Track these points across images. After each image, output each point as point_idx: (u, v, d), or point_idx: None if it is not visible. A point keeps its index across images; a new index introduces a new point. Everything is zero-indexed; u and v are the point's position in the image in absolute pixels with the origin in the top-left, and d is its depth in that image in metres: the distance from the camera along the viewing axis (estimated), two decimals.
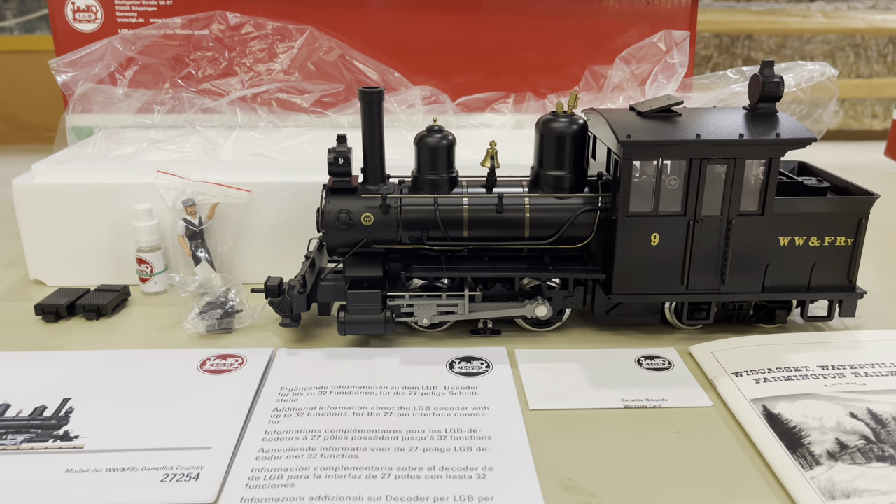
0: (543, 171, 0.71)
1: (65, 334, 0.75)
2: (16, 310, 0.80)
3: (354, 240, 0.71)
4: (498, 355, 0.69)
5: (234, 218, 0.84)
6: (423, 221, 0.71)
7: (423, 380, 0.65)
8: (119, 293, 0.80)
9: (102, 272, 0.86)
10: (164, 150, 0.91)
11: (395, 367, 0.67)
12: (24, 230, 0.85)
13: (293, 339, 0.73)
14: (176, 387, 0.63)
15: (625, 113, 0.71)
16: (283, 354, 0.69)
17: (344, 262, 0.72)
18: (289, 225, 0.85)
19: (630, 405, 0.61)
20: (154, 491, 0.50)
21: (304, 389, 0.63)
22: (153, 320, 0.78)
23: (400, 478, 0.52)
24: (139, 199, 0.82)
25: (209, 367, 0.66)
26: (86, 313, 0.78)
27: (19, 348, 0.71)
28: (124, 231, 0.84)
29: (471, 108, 1.02)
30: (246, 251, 0.85)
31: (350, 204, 0.71)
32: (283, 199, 0.84)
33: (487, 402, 0.61)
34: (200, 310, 0.74)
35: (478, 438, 0.56)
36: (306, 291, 0.70)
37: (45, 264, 0.86)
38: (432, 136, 0.71)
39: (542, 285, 0.72)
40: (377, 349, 0.71)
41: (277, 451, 0.54)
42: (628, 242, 0.67)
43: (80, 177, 0.84)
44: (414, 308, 0.71)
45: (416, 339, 0.73)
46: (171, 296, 0.84)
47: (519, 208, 0.71)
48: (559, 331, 0.74)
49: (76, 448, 0.55)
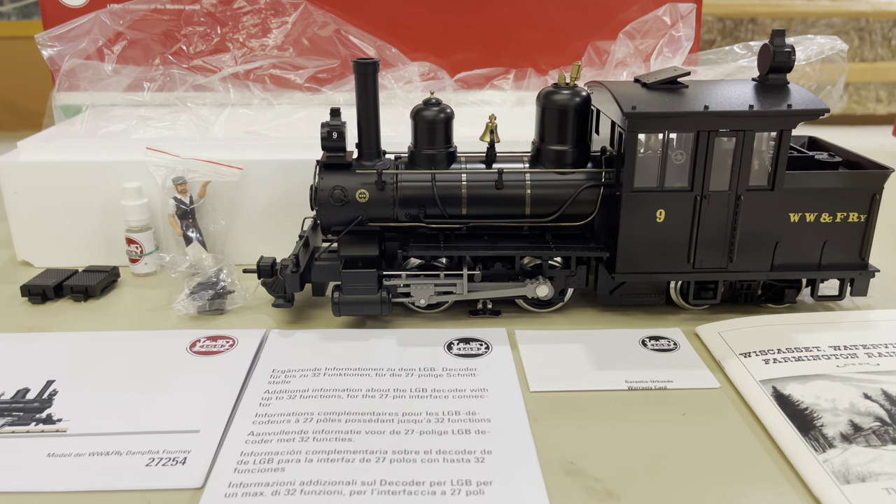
0: (545, 146, 0.69)
1: (52, 316, 0.73)
2: (2, 291, 0.78)
3: (349, 218, 0.69)
4: (498, 336, 0.67)
5: (226, 196, 0.81)
6: (420, 198, 0.68)
7: (420, 361, 0.62)
8: (108, 274, 0.78)
9: (91, 253, 0.83)
10: (155, 127, 0.88)
11: (391, 348, 0.65)
12: (10, 210, 0.82)
13: (286, 321, 0.71)
14: (164, 369, 0.61)
15: (629, 85, 0.68)
16: (276, 336, 0.67)
17: (338, 241, 0.70)
18: (282, 204, 0.82)
19: (634, 387, 0.59)
20: (139, 476, 0.48)
21: (297, 371, 0.61)
22: (143, 301, 0.76)
23: (395, 461, 0.50)
24: (128, 177, 0.80)
25: (199, 348, 0.64)
26: (73, 294, 0.75)
27: (3, 330, 0.69)
28: (113, 211, 0.81)
29: (470, 85, 0.99)
30: (238, 231, 0.83)
31: (344, 180, 0.68)
32: (277, 177, 0.81)
33: (487, 384, 0.59)
34: (191, 290, 0.72)
35: (476, 421, 0.54)
36: (299, 271, 0.68)
37: (33, 245, 0.83)
38: (429, 109, 0.68)
39: (544, 264, 0.69)
40: (373, 330, 0.68)
41: (268, 434, 0.52)
42: (633, 219, 0.65)
43: (68, 154, 0.81)
44: (411, 288, 0.68)
45: (413, 320, 0.71)
46: (161, 277, 0.81)
47: (519, 184, 0.68)
48: (561, 311, 0.72)
49: (59, 432, 0.53)
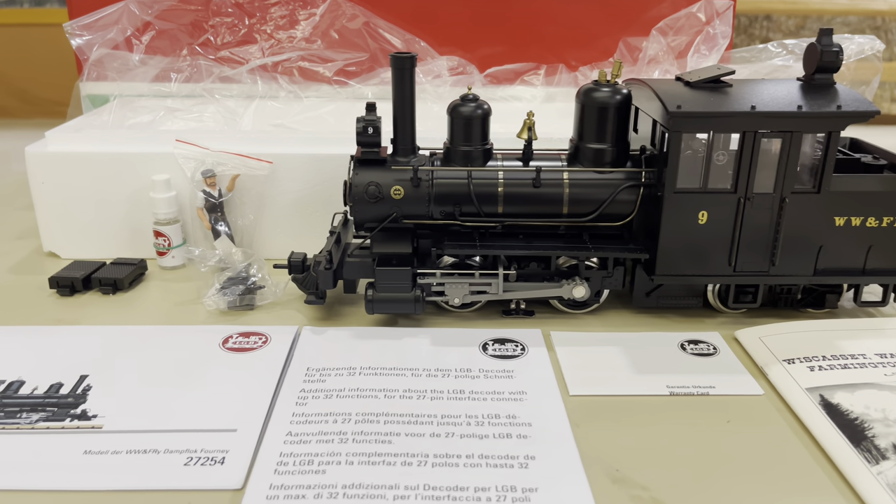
0: (583, 144, 0.68)
1: (80, 308, 0.72)
2: (29, 283, 0.77)
3: (383, 214, 0.68)
4: (533, 337, 0.66)
5: (255, 190, 0.80)
6: (455, 196, 0.67)
7: (455, 362, 0.61)
8: (136, 267, 0.77)
9: (118, 245, 0.82)
10: (183, 119, 0.87)
11: (425, 348, 0.64)
12: (37, 201, 0.82)
13: (318, 318, 0.70)
14: (198, 365, 0.60)
15: (671, 83, 0.67)
16: (309, 333, 0.66)
17: (371, 238, 0.69)
18: (311, 198, 0.81)
19: (676, 392, 0.58)
20: (178, 475, 0.48)
21: (332, 370, 0.60)
22: (171, 295, 0.75)
23: (437, 465, 0.49)
24: (157, 169, 0.79)
25: (232, 344, 0.63)
26: (102, 287, 0.75)
27: (33, 322, 0.69)
28: (141, 203, 0.80)
29: (500, 80, 0.98)
30: (267, 225, 0.82)
31: (379, 176, 0.67)
32: (306, 171, 0.80)
33: (525, 387, 0.58)
34: (221, 285, 0.71)
35: (517, 425, 0.53)
36: (333, 268, 0.67)
37: (59, 236, 0.83)
38: (466, 105, 0.67)
39: (580, 265, 0.68)
40: (405, 329, 0.67)
41: (306, 434, 0.51)
42: (674, 220, 0.64)
43: (96, 145, 0.80)
44: (445, 287, 0.67)
45: (446, 319, 0.70)
46: (189, 270, 0.81)
47: (557, 183, 0.67)
48: (595, 313, 0.71)
49: (95, 428, 0.52)
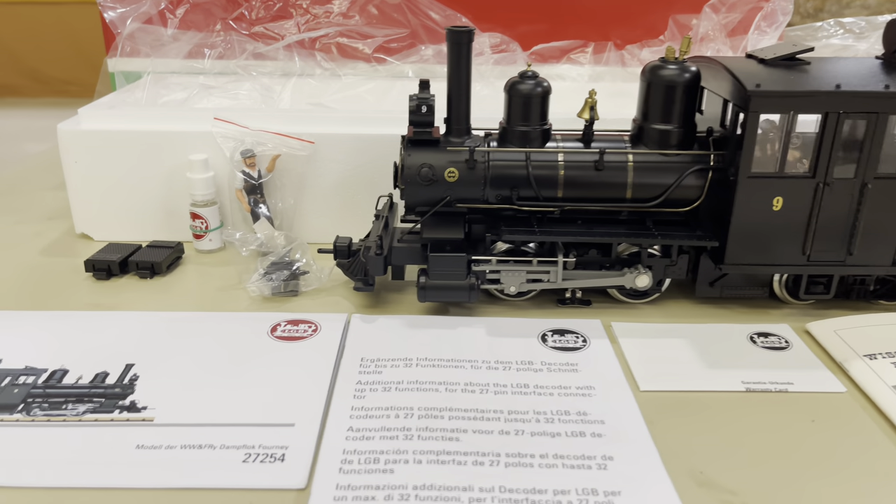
0: (648, 125, 0.64)
1: (117, 293, 0.69)
2: (63, 266, 0.75)
3: (436, 198, 0.64)
4: (593, 328, 0.63)
5: (296, 171, 0.77)
6: (512, 179, 0.64)
7: (515, 354, 0.58)
8: (173, 250, 0.74)
9: (153, 227, 0.80)
10: (218, 96, 0.84)
11: (481, 338, 0.61)
12: (69, 180, 0.79)
13: (365, 305, 0.67)
14: (247, 354, 0.57)
15: (743, 61, 0.63)
16: (358, 321, 0.63)
17: (422, 223, 0.66)
18: (353, 180, 0.78)
19: (752, 388, 0.55)
20: (237, 473, 0.45)
21: (388, 361, 0.57)
22: (211, 280, 0.72)
23: (510, 465, 0.46)
24: (194, 148, 0.76)
25: (281, 333, 0.60)
26: (139, 271, 0.72)
27: (71, 307, 0.66)
28: (177, 183, 0.77)
29: (545, 58, 0.94)
30: (307, 208, 0.79)
31: (433, 158, 0.64)
32: (348, 151, 0.77)
33: (592, 381, 0.55)
34: (265, 271, 0.68)
35: (589, 422, 0.50)
36: (384, 254, 0.64)
37: (92, 217, 0.80)
38: (525, 82, 0.63)
39: (643, 252, 0.65)
40: (458, 318, 0.64)
41: (368, 430, 0.49)
42: (747, 207, 0.60)
43: (131, 123, 0.77)
44: (501, 274, 0.64)
45: (499, 308, 0.66)
46: (227, 254, 0.78)
47: (621, 166, 0.63)
48: (655, 303, 0.68)
49: (145, 421, 0.49)
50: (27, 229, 0.84)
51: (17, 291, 0.69)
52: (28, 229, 0.84)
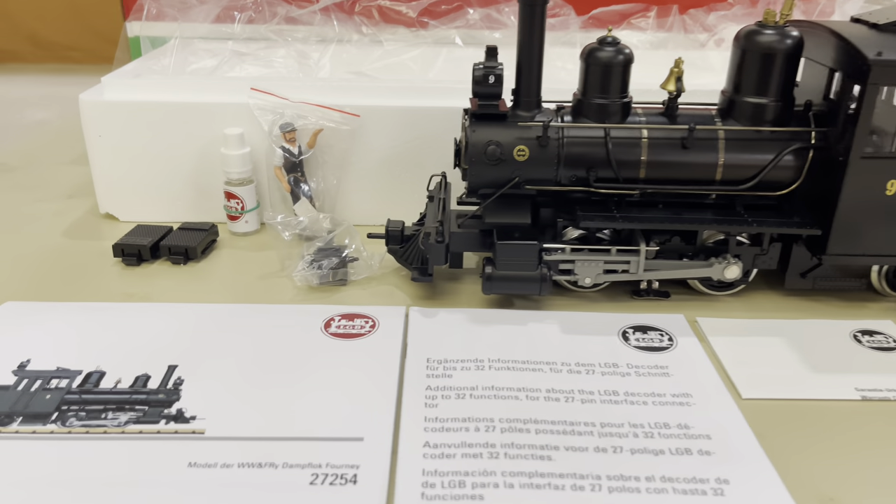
0: (740, 98, 0.57)
1: (149, 280, 0.64)
2: (89, 250, 0.69)
3: (503, 179, 0.58)
4: (677, 325, 0.57)
5: (339, 147, 0.71)
6: (589, 158, 0.57)
7: (597, 354, 0.53)
8: (207, 233, 0.68)
9: (183, 207, 0.74)
10: (252, 64, 0.77)
11: (555, 336, 0.55)
12: (93, 156, 0.73)
13: (422, 296, 0.61)
14: (301, 354, 0.52)
15: (851, 26, 0.56)
16: (418, 315, 0.57)
17: (484, 206, 0.59)
18: (401, 157, 0.72)
19: (868, 396, 0.49)
20: (305, 496, 0.40)
21: (457, 362, 0.51)
22: (250, 266, 0.66)
23: (615, 490, 0.40)
24: (229, 122, 0.69)
25: (336, 329, 0.54)
26: (172, 256, 0.66)
27: (100, 297, 0.60)
28: (210, 160, 0.71)
29: (603, 23, 0.86)
30: (350, 187, 0.73)
31: (500, 134, 0.57)
32: (396, 126, 0.71)
33: (687, 388, 0.49)
34: (312, 258, 0.62)
35: (694, 437, 0.45)
36: (445, 241, 0.58)
37: (118, 196, 0.74)
38: (605, 49, 0.57)
39: (731, 241, 0.59)
40: (526, 312, 0.59)
41: (448, 446, 0.43)
42: (858, 190, 0.54)
43: (158, 93, 0.71)
44: (575, 265, 0.58)
45: (568, 301, 0.61)
46: (264, 236, 0.72)
47: (710, 145, 0.57)
48: (739, 295, 0.62)
49: (196, 433, 0.44)
50: (46, 208, 0.78)
51: (41, 279, 0.63)
52: (47, 208, 0.78)
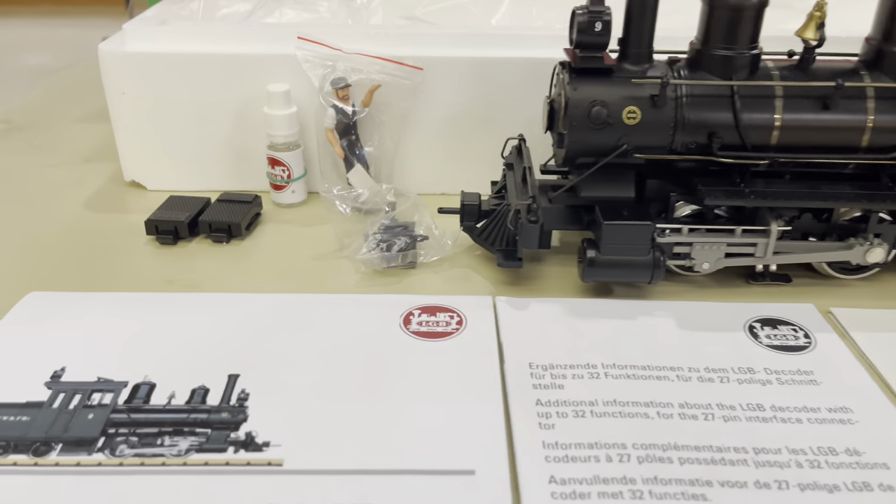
0: (890, 47, 0.48)
1: (190, 263, 0.55)
2: (116, 225, 0.60)
3: (608, 146, 0.49)
4: (809, 317, 0.49)
5: (398, 106, 0.62)
6: (712, 121, 0.48)
7: (726, 356, 0.45)
8: (251, 205, 0.60)
9: (220, 175, 0.65)
10: (291, 8, 0.68)
11: (673, 332, 0.47)
12: (116, 116, 0.64)
13: (504, 281, 0.53)
14: (382, 359, 0.44)
15: None
16: (507, 307, 0.49)
17: (582, 178, 0.51)
18: (469, 117, 0.62)
19: None
20: None
21: (565, 368, 0.43)
22: (301, 244, 0.58)
23: None
24: (272, 76, 0.60)
25: (417, 326, 0.47)
26: (213, 234, 0.58)
27: (135, 285, 0.52)
28: (251, 121, 0.62)
29: None
30: (410, 151, 0.64)
31: (607, 93, 0.48)
32: (464, 80, 0.61)
33: (844, 400, 0.42)
34: (379, 237, 0.54)
35: (868, 467, 0.37)
36: (540, 221, 0.49)
37: (145, 162, 0.65)
38: None
39: (872, 218, 0.50)
40: (631, 303, 0.50)
41: (578, 481, 0.36)
42: None
43: (189, 43, 0.61)
44: (693, 248, 0.50)
45: (675, 287, 0.52)
46: (314, 208, 0.63)
47: (858, 104, 0.48)
48: (870, 279, 0.53)
49: (272, 465, 0.36)
50: (62, 175, 0.69)
51: (65, 262, 0.55)
52: (64, 175, 0.69)
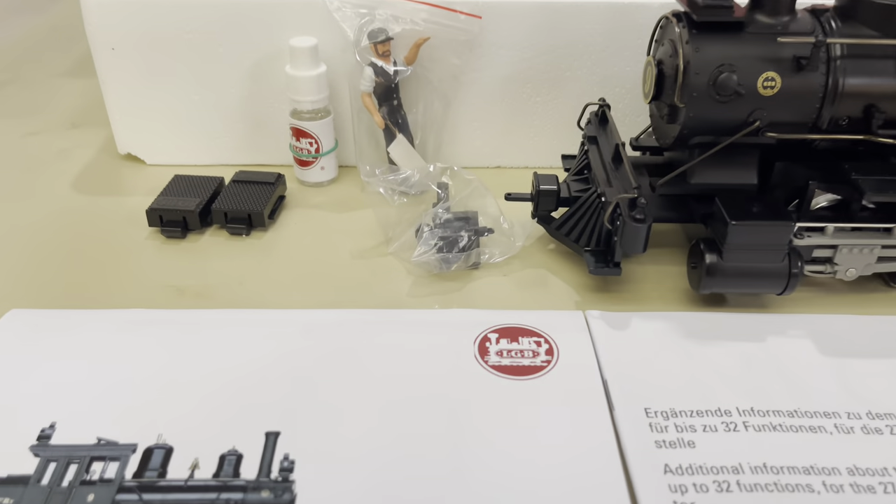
0: None
1: (203, 264, 0.45)
2: (111, 212, 0.50)
3: (735, 121, 0.39)
4: None
5: (448, 63, 0.51)
6: (872, 90, 0.38)
7: (892, 394, 0.36)
8: (274, 187, 0.50)
9: (231, 147, 0.55)
10: None
11: (815, 359, 0.38)
12: (105, 78, 0.52)
13: (589, 286, 0.43)
14: (458, 412, 0.34)
15: None
16: (603, 327, 0.39)
17: (696, 162, 0.40)
18: (536, 75, 0.52)
19: None
20: None
21: (692, 416, 0.34)
22: (337, 237, 0.48)
23: None
24: (295, 28, 0.49)
25: (497, 358, 0.37)
26: (230, 226, 0.48)
27: (138, 296, 0.42)
28: (269, 83, 0.51)
29: None
30: (462, 118, 0.53)
31: (737, 54, 0.37)
32: (529, 30, 0.50)
33: None
34: (436, 235, 0.43)
35: None
36: (648, 221, 0.39)
37: (143, 132, 0.54)
38: None
39: None
40: (755, 316, 0.41)
41: None
42: None
43: None
44: (838, 252, 0.40)
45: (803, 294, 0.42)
46: (346, 187, 0.53)
47: None
48: None
49: None
50: (45, 145, 0.58)
51: (51, 264, 0.45)
52: (47, 144, 0.58)
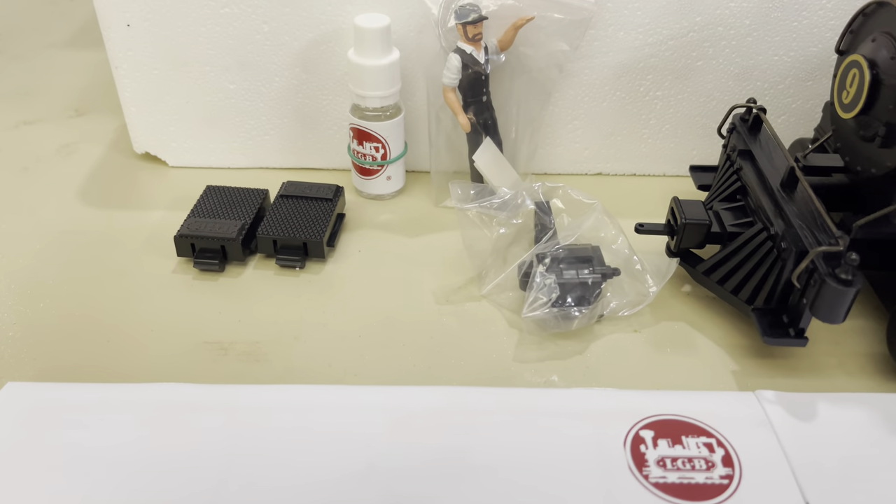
0: None
1: (246, 309, 0.35)
2: (128, 232, 0.40)
3: None
4: None
5: (555, 50, 0.40)
6: None
7: None
8: (333, 203, 0.40)
9: (272, 146, 0.45)
10: None
11: None
12: (118, 62, 0.42)
13: (747, 348, 0.33)
14: None
15: None
16: (785, 417, 0.30)
17: None
18: (659, 64, 0.41)
19: None
20: None
21: None
22: (413, 270, 0.38)
23: None
24: (361, 5, 0.38)
25: (660, 471, 0.27)
26: (280, 257, 0.38)
27: (168, 357, 0.33)
28: (323, 71, 0.41)
29: None
30: (563, 116, 0.43)
31: None
32: (655, 12, 0.39)
33: None
34: (558, 280, 0.33)
35: None
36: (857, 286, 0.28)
37: (164, 129, 0.44)
38: None
39: None
40: None
41: None
42: None
43: None
44: None
45: None
46: (415, 199, 0.43)
47: None
48: None
49: None
50: (44, 137, 0.48)
51: (54, 310, 0.35)
52: (46, 137, 0.48)
